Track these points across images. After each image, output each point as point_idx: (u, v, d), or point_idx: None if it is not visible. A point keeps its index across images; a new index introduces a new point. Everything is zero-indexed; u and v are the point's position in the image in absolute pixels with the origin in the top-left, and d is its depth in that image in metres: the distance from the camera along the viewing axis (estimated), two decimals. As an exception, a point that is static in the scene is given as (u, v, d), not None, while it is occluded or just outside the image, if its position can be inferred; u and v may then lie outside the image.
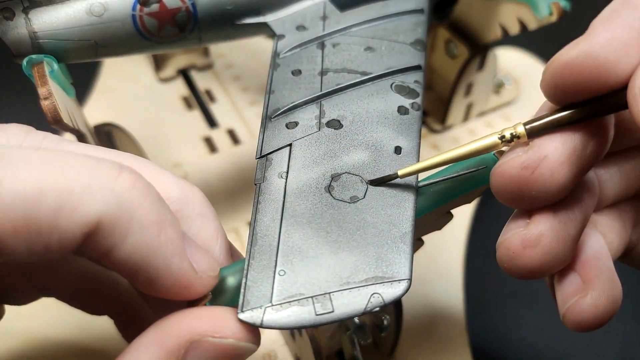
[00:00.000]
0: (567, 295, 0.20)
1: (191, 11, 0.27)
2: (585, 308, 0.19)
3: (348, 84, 0.24)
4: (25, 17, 0.25)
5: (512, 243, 0.19)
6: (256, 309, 0.18)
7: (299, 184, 0.21)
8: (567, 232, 0.19)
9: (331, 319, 0.18)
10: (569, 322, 0.20)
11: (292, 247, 0.19)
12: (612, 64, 0.16)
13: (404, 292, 0.18)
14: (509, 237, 0.19)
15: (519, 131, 0.19)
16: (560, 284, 0.20)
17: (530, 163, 0.18)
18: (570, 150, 0.18)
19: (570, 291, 0.20)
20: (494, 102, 0.45)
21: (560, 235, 0.19)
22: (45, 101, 0.24)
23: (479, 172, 0.21)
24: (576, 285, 0.20)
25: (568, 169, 0.18)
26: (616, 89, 0.17)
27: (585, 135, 0.18)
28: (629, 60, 0.16)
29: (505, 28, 0.36)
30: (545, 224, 0.19)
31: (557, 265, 0.19)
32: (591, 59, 0.17)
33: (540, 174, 0.18)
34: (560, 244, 0.19)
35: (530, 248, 0.19)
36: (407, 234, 0.20)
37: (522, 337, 0.35)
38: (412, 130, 0.23)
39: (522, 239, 0.19)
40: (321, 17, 0.28)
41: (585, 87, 0.17)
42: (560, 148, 0.18)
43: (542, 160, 0.18)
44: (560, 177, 0.18)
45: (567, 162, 0.18)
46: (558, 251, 0.19)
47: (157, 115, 0.45)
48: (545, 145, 0.18)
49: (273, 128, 0.23)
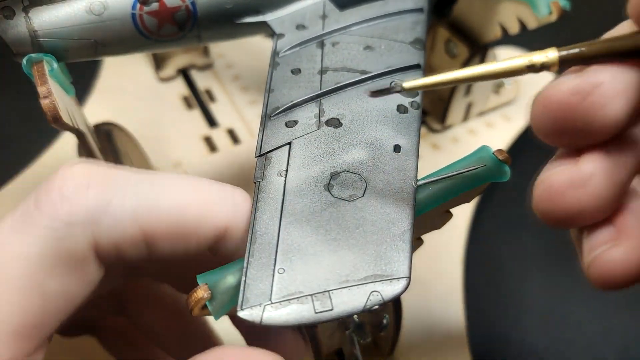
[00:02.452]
0: (595, 243, 0.17)
1: (191, 10, 0.27)
2: (615, 257, 0.17)
3: (347, 83, 0.24)
4: (25, 16, 0.25)
5: (557, 180, 0.17)
6: (255, 307, 0.18)
7: (298, 182, 0.21)
8: (619, 176, 0.17)
9: (331, 317, 0.18)
10: (593, 274, 0.17)
11: (291, 245, 0.19)
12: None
13: (403, 290, 0.18)
14: (553, 173, 0.17)
15: (551, 58, 0.16)
16: (591, 234, 0.18)
17: (584, 87, 0.16)
18: (628, 82, 0.16)
19: (601, 239, 0.17)
20: (493, 101, 0.45)
21: (612, 177, 0.17)
22: (45, 100, 0.24)
23: (478, 171, 0.21)
24: (609, 234, 0.17)
25: (624, 102, 0.16)
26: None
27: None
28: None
29: (504, 27, 0.36)
30: (597, 163, 0.17)
31: (601, 212, 0.17)
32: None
33: (593, 102, 0.15)
34: (610, 188, 0.17)
35: (577, 188, 0.16)
36: (406, 232, 0.20)
37: (522, 338, 0.35)
38: (412, 128, 0.23)
39: (570, 176, 0.17)
40: (321, 16, 0.28)
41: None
42: (618, 77, 0.16)
43: (597, 87, 0.15)
44: (615, 109, 0.16)
45: (623, 94, 0.16)
46: (607, 195, 0.17)
47: (157, 115, 0.45)
48: (601, 72, 0.16)
49: (272, 126, 0.23)
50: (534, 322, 0.36)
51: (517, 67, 0.17)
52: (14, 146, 0.44)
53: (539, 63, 0.16)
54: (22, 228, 0.17)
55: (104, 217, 0.17)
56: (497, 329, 0.36)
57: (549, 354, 0.35)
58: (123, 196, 0.18)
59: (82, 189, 0.17)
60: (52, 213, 0.17)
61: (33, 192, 0.18)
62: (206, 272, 0.19)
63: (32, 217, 0.17)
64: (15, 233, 0.17)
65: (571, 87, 0.16)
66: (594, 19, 0.42)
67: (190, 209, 0.19)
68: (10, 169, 0.41)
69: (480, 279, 0.37)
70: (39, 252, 0.17)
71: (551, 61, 0.16)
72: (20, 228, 0.17)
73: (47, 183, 0.18)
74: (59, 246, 0.17)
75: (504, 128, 0.44)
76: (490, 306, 0.36)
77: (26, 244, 0.17)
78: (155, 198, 0.18)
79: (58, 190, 0.17)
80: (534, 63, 0.16)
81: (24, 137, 0.44)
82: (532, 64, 0.16)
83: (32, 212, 0.17)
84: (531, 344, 0.35)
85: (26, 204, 0.18)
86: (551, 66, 0.16)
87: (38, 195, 0.18)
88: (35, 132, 0.43)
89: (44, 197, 0.17)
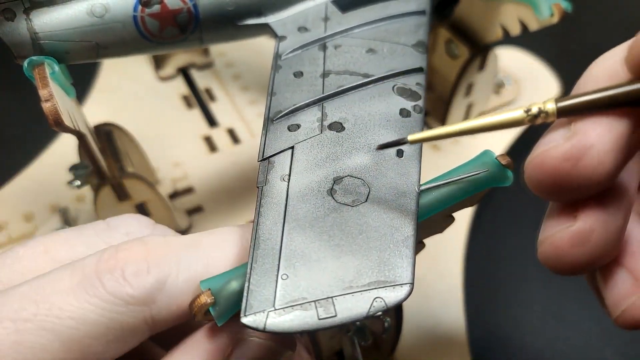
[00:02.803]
0: (620, 296, 0.18)
1: (193, 12, 0.27)
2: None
3: (350, 86, 0.24)
4: (27, 18, 0.25)
5: (560, 240, 0.17)
6: (259, 313, 0.18)
7: (301, 187, 0.21)
8: (616, 224, 0.17)
9: (334, 323, 0.18)
10: (626, 322, 0.18)
11: (294, 250, 0.19)
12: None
13: (406, 297, 0.18)
14: (556, 233, 0.18)
15: (548, 108, 0.17)
16: (609, 283, 0.19)
17: (574, 153, 0.16)
18: (617, 136, 0.16)
19: (624, 292, 0.18)
20: (494, 102, 0.45)
21: (610, 228, 0.17)
22: (47, 103, 0.24)
23: (481, 176, 0.21)
24: (628, 284, 0.18)
25: (615, 156, 0.16)
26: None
27: (634, 118, 0.16)
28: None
29: (506, 28, 0.36)
30: (595, 218, 0.17)
31: (606, 259, 0.18)
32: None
33: (585, 166, 0.16)
34: (610, 238, 0.17)
35: (581, 246, 0.17)
36: (409, 237, 0.20)
37: (522, 337, 0.36)
38: (414, 133, 0.23)
39: (571, 235, 0.17)
40: (323, 19, 0.28)
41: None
42: (607, 135, 0.16)
43: (587, 150, 0.16)
44: (607, 166, 0.16)
45: (614, 149, 0.16)
46: (608, 245, 0.17)
47: (157, 115, 0.45)
48: (590, 132, 0.16)
49: (275, 130, 0.23)
50: (534, 322, 0.36)
51: (517, 118, 0.17)
52: (14, 146, 0.44)
53: (537, 114, 0.17)
54: (83, 295, 0.18)
55: (160, 296, 0.19)
56: (497, 329, 0.36)
57: (549, 353, 0.35)
58: (177, 273, 0.19)
59: (143, 274, 0.19)
60: (114, 292, 0.18)
61: (95, 257, 0.19)
62: (209, 277, 0.19)
63: (94, 288, 0.18)
64: (75, 295, 0.18)
65: (563, 153, 0.16)
66: (594, 20, 0.42)
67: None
68: (10, 169, 0.41)
69: (480, 279, 0.37)
70: (94, 320, 0.18)
71: (549, 112, 0.17)
72: (81, 294, 0.18)
73: (110, 256, 0.19)
74: (115, 319, 0.18)
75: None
76: (490, 306, 0.37)
77: (84, 310, 0.18)
78: (203, 271, 0.20)
79: (120, 271, 0.18)
80: (532, 114, 0.17)
81: (24, 137, 0.44)
82: (531, 114, 0.17)
83: (94, 282, 0.18)
84: (531, 344, 0.35)
85: (87, 267, 0.19)
86: (549, 117, 0.17)
87: (100, 265, 0.19)
88: (35, 132, 0.43)
89: (107, 274, 0.18)
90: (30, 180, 0.41)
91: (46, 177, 0.41)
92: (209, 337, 0.19)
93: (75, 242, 0.21)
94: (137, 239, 0.20)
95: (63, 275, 0.18)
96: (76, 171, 0.32)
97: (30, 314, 0.17)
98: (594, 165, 0.16)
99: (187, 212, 0.39)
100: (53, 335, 0.17)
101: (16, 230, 0.38)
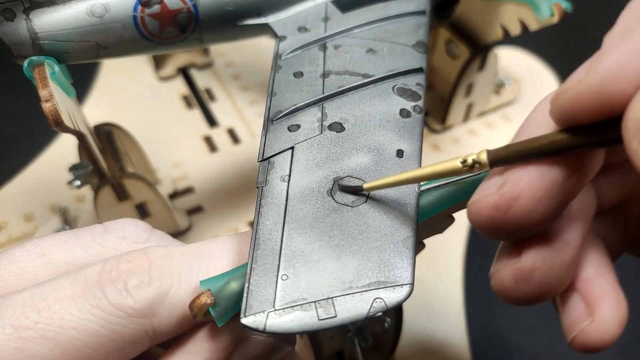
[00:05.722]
0: (572, 322, 0.19)
1: (192, 12, 0.27)
2: (592, 335, 0.18)
3: (350, 87, 0.24)
4: (26, 18, 0.25)
5: (503, 277, 0.18)
6: (259, 314, 0.18)
7: (301, 188, 0.21)
8: (562, 259, 0.18)
9: (334, 324, 0.18)
10: (577, 347, 0.19)
11: (294, 251, 0.19)
12: (626, 97, 0.14)
13: (406, 297, 0.18)
14: (500, 270, 0.18)
15: (481, 158, 0.17)
16: (564, 308, 0.19)
17: (502, 204, 0.16)
18: (548, 185, 0.16)
19: (575, 317, 0.19)
20: (494, 102, 0.45)
21: (554, 264, 0.18)
22: (47, 104, 0.24)
23: (481, 176, 0.21)
24: (580, 310, 0.19)
25: (547, 203, 0.16)
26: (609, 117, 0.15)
27: (567, 167, 0.16)
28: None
29: (506, 29, 0.36)
30: (536, 256, 0.17)
31: (554, 293, 0.18)
32: (600, 95, 0.15)
33: (515, 215, 0.16)
34: (555, 273, 0.18)
35: (524, 282, 0.18)
36: (410, 238, 0.20)
37: (522, 338, 0.36)
38: (414, 133, 0.23)
39: (514, 273, 0.18)
40: (323, 19, 0.28)
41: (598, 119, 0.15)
42: (535, 184, 0.16)
43: (514, 201, 0.16)
44: (538, 214, 0.16)
45: (545, 197, 0.16)
46: (553, 281, 0.18)
47: (157, 115, 0.45)
48: (518, 181, 0.16)
49: (275, 131, 0.23)
50: (534, 322, 0.36)
51: (454, 168, 0.18)
52: (14, 146, 0.44)
53: (472, 164, 0.17)
54: (85, 305, 0.18)
55: (162, 308, 0.19)
56: (497, 329, 0.36)
57: (549, 353, 0.35)
58: (178, 285, 0.19)
59: (145, 286, 0.19)
60: (116, 304, 0.18)
61: (97, 268, 0.19)
62: (209, 277, 0.19)
63: (96, 299, 0.18)
64: (77, 305, 0.18)
65: (492, 203, 0.17)
66: (594, 20, 0.42)
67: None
68: (10, 169, 0.41)
69: (480, 279, 0.37)
70: (96, 331, 0.18)
71: (482, 162, 0.17)
72: (83, 304, 0.18)
73: (112, 267, 0.19)
74: (117, 330, 0.18)
75: (504, 129, 0.45)
76: (490, 306, 0.37)
77: (85, 320, 0.18)
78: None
79: (123, 283, 0.18)
80: (468, 164, 0.18)
81: (24, 137, 0.44)
82: (467, 165, 0.18)
83: (96, 292, 0.18)
84: (531, 344, 0.35)
85: (90, 278, 0.19)
86: (483, 166, 0.17)
87: (102, 276, 0.19)
88: (35, 132, 0.43)
89: (109, 285, 0.18)
90: (30, 180, 0.41)
91: (46, 177, 0.41)
92: (210, 336, 0.19)
93: (72, 245, 0.20)
94: (139, 250, 0.20)
95: (65, 284, 0.18)
96: (76, 171, 0.32)
97: (32, 322, 0.17)
98: (522, 215, 0.16)
99: (187, 212, 0.39)
100: (54, 344, 0.17)
101: (16, 230, 0.38)
